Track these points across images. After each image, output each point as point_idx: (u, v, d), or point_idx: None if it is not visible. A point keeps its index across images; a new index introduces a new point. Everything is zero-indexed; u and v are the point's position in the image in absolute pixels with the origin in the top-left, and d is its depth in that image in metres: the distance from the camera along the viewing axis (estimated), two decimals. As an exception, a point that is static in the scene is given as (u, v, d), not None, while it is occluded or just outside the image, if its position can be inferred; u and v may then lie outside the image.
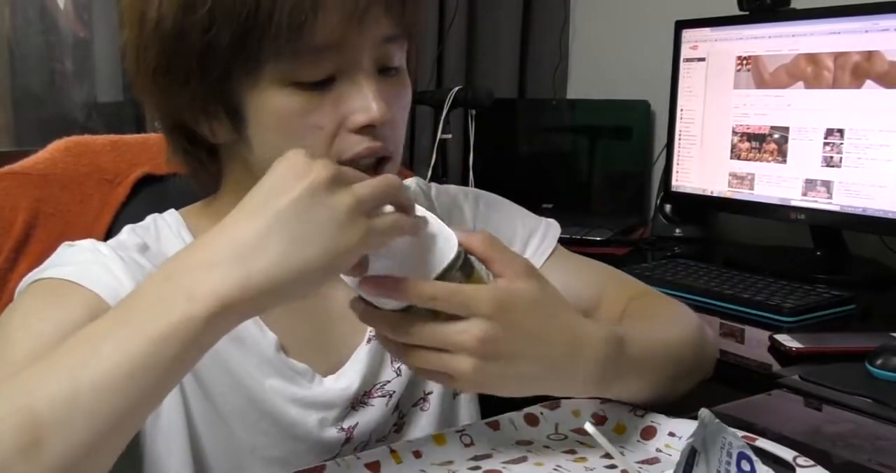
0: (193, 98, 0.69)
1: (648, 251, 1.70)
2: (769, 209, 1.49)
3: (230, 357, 0.74)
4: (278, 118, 0.68)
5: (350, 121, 0.69)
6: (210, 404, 0.74)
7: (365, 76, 0.69)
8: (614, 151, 2.01)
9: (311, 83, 0.68)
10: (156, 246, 0.76)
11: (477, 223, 0.90)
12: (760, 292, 1.23)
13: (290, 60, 0.66)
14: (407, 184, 0.91)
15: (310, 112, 0.68)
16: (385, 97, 0.69)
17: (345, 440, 0.78)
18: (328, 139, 0.69)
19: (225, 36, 0.65)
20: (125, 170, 0.95)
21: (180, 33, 0.66)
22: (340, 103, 0.69)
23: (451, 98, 1.69)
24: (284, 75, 0.67)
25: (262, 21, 0.64)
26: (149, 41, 0.69)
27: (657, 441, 0.72)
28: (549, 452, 0.70)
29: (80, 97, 1.90)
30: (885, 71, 1.31)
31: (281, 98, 0.68)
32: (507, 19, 2.11)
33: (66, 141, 0.97)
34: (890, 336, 1.01)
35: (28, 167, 0.94)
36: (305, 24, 0.64)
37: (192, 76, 0.68)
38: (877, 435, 0.78)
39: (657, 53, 1.75)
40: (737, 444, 0.54)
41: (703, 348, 0.82)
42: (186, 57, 0.67)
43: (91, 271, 0.69)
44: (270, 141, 0.70)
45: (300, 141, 0.68)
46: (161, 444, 0.72)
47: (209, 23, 0.65)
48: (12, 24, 1.80)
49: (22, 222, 0.90)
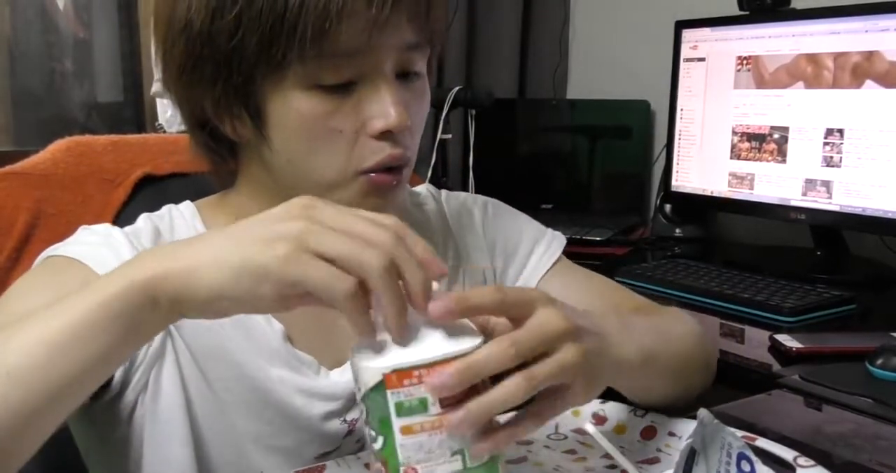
0: (217, 98, 0.71)
1: (648, 251, 1.70)
2: (769, 209, 1.49)
3: (236, 347, 0.74)
4: (300, 120, 0.70)
5: (369, 127, 0.70)
6: (212, 393, 0.74)
7: (385, 82, 0.70)
8: (614, 151, 2.01)
9: (332, 86, 0.69)
10: (169, 235, 0.77)
11: (486, 228, 0.91)
12: (760, 292, 1.23)
13: (314, 64, 0.67)
14: (417, 190, 0.93)
15: (331, 115, 0.69)
16: (404, 102, 0.70)
17: (347, 432, 0.78)
18: (348, 144, 0.70)
19: (251, 40, 0.67)
20: (126, 170, 0.95)
21: (208, 36, 0.68)
22: (360, 108, 0.70)
23: (451, 98, 1.69)
24: (308, 78, 0.68)
25: (288, 27, 0.65)
26: (176, 40, 0.70)
27: (657, 441, 0.72)
28: (549, 452, 0.70)
29: (79, 97, 1.90)
30: (885, 71, 1.31)
31: (303, 100, 0.69)
32: (507, 19, 2.11)
33: (66, 141, 0.97)
34: (890, 336, 1.01)
35: (29, 167, 0.94)
36: (330, 30, 0.65)
37: (217, 78, 0.69)
38: (877, 435, 0.78)
39: (657, 53, 1.75)
40: (736, 444, 0.54)
41: (707, 346, 0.83)
42: (212, 59, 0.69)
43: (100, 253, 0.70)
44: (291, 142, 0.71)
45: (321, 143, 0.70)
46: (160, 431, 0.73)
47: (236, 28, 0.67)
48: (12, 24, 1.80)
49: (23, 222, 0.91)
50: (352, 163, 0.71)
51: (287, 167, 0.73)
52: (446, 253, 0.88)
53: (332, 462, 0.67)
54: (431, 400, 0.51)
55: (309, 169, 0.72)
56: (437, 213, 0.90)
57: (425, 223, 0.89)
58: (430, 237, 0.88)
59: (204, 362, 0.74)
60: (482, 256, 0.89)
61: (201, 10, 0.68)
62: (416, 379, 0.50)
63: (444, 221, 0.90)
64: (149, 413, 0.73)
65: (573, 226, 1.68)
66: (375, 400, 0.52)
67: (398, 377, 0.51)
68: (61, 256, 0.71)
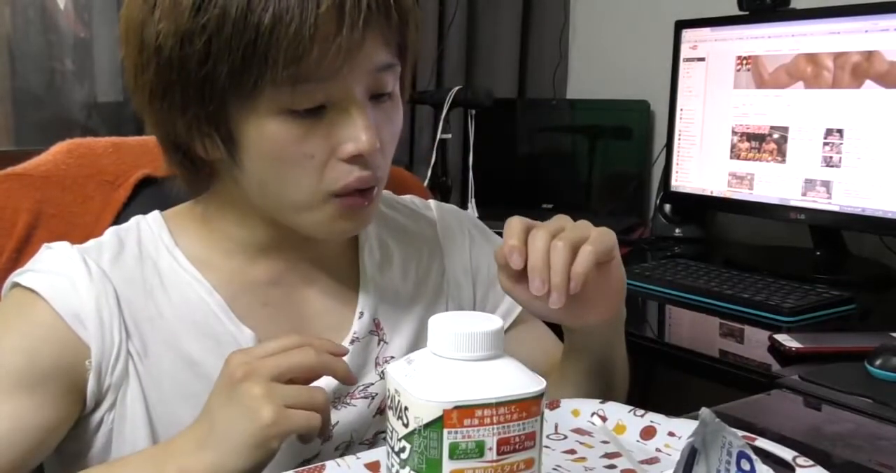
0: (189, 122, 0.70)
1: (648, 251, 1.70)
2: (769, 209, 1.49)
3: (203, 360, 0.75)
4: (272, 145, 0.69)
5: (340, 151, 0.70)
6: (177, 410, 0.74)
7: (356, 106, 0.70)
8: (614, 151, 2.01)
9: (303, 111, 0.68)
10: (136, 247, 0.78)
11: (472, 252, 0.92)
12: (760, 292, 1.23)
13: (286, 90, 0.67)
14: (404, 201, 0.93)
15: (302, 139, 0.69)
16: (376, 125, 0.71)
17: (325, 438, 0.78)
18: (319, 167, 0.71)
19: (222, 69, 0.66)
20: (126, 171, 0.96)
21: (178, 63, 0.67)
22: (331, 133, 0.70)
23: (450, 98, 1.69)
24: (279, 103, 0.68)
25: (259, 54, 0.65)
26: (146, 66, 0.70)
27: (657, 441, 0.72)
28: (549, 452, 0.70)
29: (79, 97, 1.89)
30: (884, 71, 1.31)
31: (275, 125, 0.69)
32: (507, 19, 2.11)
33: (68, 143, 0.98)
34: (889, 336, 1.02)
35: (30, 168, 0.94)
36: (303, 56, 0.65)
37: (188, 104, 0.69)
38: (876, 435, 0.78)
39: (657, 53, 1.75)
40: (737, 443, 0.54)
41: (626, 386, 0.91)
42: (182, 86, 0.68)
43: (57, 286, 0.72)
44: (263, 166, 0.71)
45: (292, 167, 0.70)
46: (126, 450, 0.73)
47: (206, 55, 0.66)
48: (12, 23, 1.80)
49: (24, 223, 0.91)
50: (322, 185, 0.71)
51: (258, 189, 0.73)
52: (428, 274, 0.89)
53: (331, 462, 0.67)
54: (489, 445, 0.48)
55: (280, 192, 0.72)
56: (429, 230, 0.92)
57: (419, 235, 0.90)
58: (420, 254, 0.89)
59: (171, 378, 0.74)
60: (465, 280, 0.91)
61: (169, 37, 0.66)
62: (478, 420, 0.47)
63: (435, 241, 0.91)
64: (116, 431, 0.74)
65: (573, 226, 1.67)
66: (427, 438, 0.48)
67: (459, 415, 0.47)
68: (25, 289, 0.73)
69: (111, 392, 0.73)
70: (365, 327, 0.82)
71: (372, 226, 0.87)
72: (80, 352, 0.71)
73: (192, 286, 0.77)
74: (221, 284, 0.77)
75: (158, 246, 0.78)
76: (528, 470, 0.50)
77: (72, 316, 0.71)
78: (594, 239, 0.71)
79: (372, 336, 0.82)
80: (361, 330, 0.81)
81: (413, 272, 0.87)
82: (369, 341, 0.82)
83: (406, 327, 0.84)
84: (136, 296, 0.75)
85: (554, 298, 0.68)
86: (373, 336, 0.82)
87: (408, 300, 0.86)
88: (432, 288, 0.88)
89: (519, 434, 0.49)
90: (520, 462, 0.49)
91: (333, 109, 0.70)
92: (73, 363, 0.71)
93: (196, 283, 0.77)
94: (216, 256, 0.79)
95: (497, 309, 0.92)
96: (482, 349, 0.50)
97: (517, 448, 0.49)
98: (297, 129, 0.69)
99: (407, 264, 0.87)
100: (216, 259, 0.79)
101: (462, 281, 0.90)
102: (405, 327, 0.84)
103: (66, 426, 0.73)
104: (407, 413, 0.49)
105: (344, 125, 0.70)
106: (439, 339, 0.50)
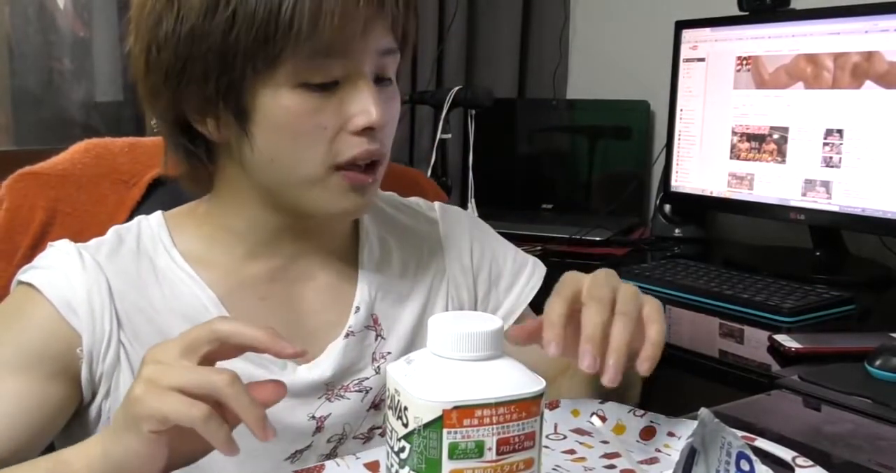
0: (205, 97, 0.72)
1: (648, 251, 1.71)
2: (768, 209, 1.49)
3: None
4: (287, 116, 0.72)
5: (351, 124, 0.73)
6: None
7: (366, 82, 0.74)
8: (614, 151, 2.01)
9: (318, 85, 0.72)
10: (135, 245, 0.79)
11: (473, 253, 0.92)
12: (760, 292, 1.23)
13: (305, 63, 0.70)
14: (408, 202, 0.94)
15: (316, 112, 0.72)
16: (382, 103, 0.74)
17: (315, 428, 0.79)
18: (330, 139, 0.74)
19: (245, 37, 0.69)
20: (141, 171, 0.98)
21: (201, 34, 0.70)
22: (342, 107, 0.73)
23: (450, 98, 1.69)
24: (297, 76, 0.71)
25: (283, 24, 0.68)
26: (162, 46, 0.72)
27: (657, 441, 0.72)
28: (549, 452, 0.70)
29: (79, 97, 1.89)
30: (884, 71, 1.31)
31: (291, 98, 0.72)
32: (507, 19, 2.11)
33: (86, 142, 1.00)
34: (889, 336, 1.02)
35: (48, 168, 0.97)
36: (324, 28, 0.68)
37: (209, 76, 0.71)
38: (876, 435, 0.78)
39: (657, 53, 1.75)
40: (736, 444, 0.54)
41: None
42: (204, 58, 0.70)
43: (51, 278, 0.74)
44: (275, 138, 0.73)
45: (304, 139, 0.73)
46: None
47: (231, 24, 0.69)
48: (12, 23, 1.80)
49: (39, 221, 0.93)
50: (330, 157, 0.74)
51: (268, 166, 0.75)
52: (428, 273, 0.89)
53: (331, 462, 0.67)
54: (489, 445, 0.48)
55: (291, 165, 0.74)
56: (430, 230, 0.92)
57: (420, 234, 0.91)
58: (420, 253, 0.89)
59: None
60: (466, 280, 0.91)
61: (193, 10, 0.69)
62: (478, 420, 0.48)
63: (436, 240, 0.91)
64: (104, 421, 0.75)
65: (573, 226, 1.68)
66: (427, 438, 0.48)
67: (459, 415, 0.47)
68: (25, 285, 0.75)
69: (104, 380, 0.74)
70: (361, 322, 0.82)
71: (373, 225, 0.88)
72: (71, 340, 0.73)
73: (186, 282, 0.78)
74: (216, 281, 0.79)
75: (157, 244, 0.80)
76: (528, 470, 0.50)
77: (63, 304, 0.73)
78: (656, 316, 0.67)
79: (369, 331, 0.83)
80: (357, 324, 0.82)
81: (412, 270, 0.88)
82: (365, 335, 0.83)
83: (403, 323, 0.85)
84: (130, 289, 0.76)
85: (611, 376, 0.63)
86: (369, 331, 0.83)
87: (406, 297, 0.86)
88: (431, 286, 0.88)
89: (518, 435, 0.49)
90: (519, 462, 0.50)
91: (345, 85, 0.73)
92: (65, 349, 0.73)
93: (189, 280, 0.78)
94: (215, 253, 0.80)
95: (498, 309, 0.92)
96: (482, 349, 0.50)
97: (517, 448, 0.49)
98: (311, 102, 0.72)
99: (406, 262, 0.88)
100: (215, 256, 0.80)
101: (462, 281, 0.90)
102: (403, 323, 0.85)
103: (67, 410, 0.74)
104: (406, 413, 0.49)
105: (355, 100, 0.73)
106: (439, 339, 0.51)
